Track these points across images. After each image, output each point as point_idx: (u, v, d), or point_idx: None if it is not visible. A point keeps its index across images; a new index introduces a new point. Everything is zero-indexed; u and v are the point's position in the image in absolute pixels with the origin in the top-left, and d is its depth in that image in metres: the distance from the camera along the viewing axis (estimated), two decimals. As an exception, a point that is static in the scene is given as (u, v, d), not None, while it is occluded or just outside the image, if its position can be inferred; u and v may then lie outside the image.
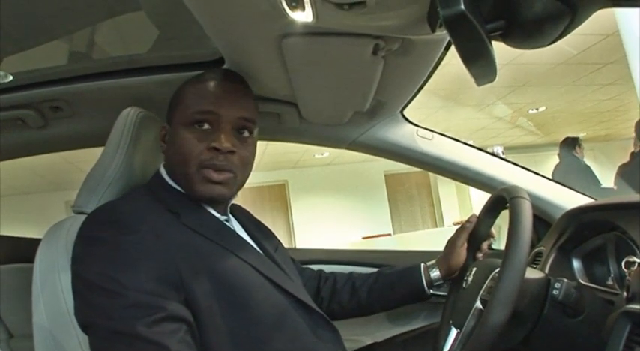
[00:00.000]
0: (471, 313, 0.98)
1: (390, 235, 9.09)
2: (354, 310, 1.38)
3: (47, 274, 1.01)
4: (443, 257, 1.32)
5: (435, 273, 1.31)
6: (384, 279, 1.36)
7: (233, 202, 1.18)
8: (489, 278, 0.99)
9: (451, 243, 1.32)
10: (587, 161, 5.81)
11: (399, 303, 1.39)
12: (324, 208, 9.56)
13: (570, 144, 5.74)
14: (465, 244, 1.30)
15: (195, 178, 1.05)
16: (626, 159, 5.00)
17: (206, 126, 1.06)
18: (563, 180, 1.76)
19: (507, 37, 0.71)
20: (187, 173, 1.05)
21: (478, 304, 0.98)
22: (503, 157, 1.72)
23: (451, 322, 1.09)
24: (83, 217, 1.01)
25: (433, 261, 1.34)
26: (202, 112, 1.06)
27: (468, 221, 1.32)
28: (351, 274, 1.42)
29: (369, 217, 9.69)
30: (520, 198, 1.00)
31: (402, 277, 1.35)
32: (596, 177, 5.44)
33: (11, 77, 1.29)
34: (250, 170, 1.14)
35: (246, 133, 1.11)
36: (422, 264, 1.34)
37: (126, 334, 0.84)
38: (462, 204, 9.89)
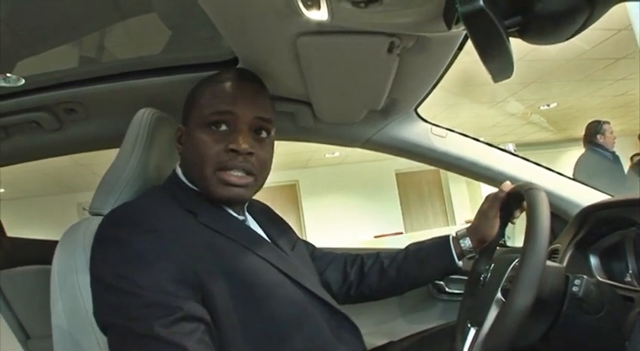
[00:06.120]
0: (492, 306, 0.97)
1: (401, 233, 9.06)
2: (384, 291, 1.37)
3: (65, 276, 1.02)
4: (474, 227, 1.29)
5: (466, 243, 1.29)
6: (413, 256, 1.34)
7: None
8: (510, 269, 0.99)
9: (483, 213, 1.27)
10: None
11: (429, 279, 1.38)
12: (336, 207, 9.55)
13: (592, 134, 4.64)
14: (498, 214, 1.26)
15: (212, 179, 1.04)
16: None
17: (223, 127, 1.05)
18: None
19: (525, 33, 0.70)
20: (204, 175, 1.04)
21: (499, 295, 0.97)
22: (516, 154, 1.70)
23: (468, 321, 1.08)
24: (100, 219, 1.01)
25: (463, 230, 1.31)
26: (219, 113, 1.05)
27: (500, 190, 1.26)
28: (378, 254, 1.39)
29: (380, 215, 9.67)
30: (534, 189, 0.99)
31: (432, 253, 1.32)
32: (622, 173, 4.66)
33: (23, 80, 1.30)
34: (269, 171, 1.13)
35: (264, 134, 1.10)
36: (450, 236, 1.32)
37: (143, 335, 0.83)
38: (473, 202, 9.85)
